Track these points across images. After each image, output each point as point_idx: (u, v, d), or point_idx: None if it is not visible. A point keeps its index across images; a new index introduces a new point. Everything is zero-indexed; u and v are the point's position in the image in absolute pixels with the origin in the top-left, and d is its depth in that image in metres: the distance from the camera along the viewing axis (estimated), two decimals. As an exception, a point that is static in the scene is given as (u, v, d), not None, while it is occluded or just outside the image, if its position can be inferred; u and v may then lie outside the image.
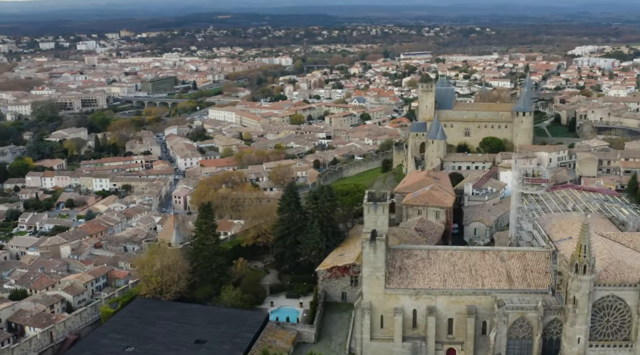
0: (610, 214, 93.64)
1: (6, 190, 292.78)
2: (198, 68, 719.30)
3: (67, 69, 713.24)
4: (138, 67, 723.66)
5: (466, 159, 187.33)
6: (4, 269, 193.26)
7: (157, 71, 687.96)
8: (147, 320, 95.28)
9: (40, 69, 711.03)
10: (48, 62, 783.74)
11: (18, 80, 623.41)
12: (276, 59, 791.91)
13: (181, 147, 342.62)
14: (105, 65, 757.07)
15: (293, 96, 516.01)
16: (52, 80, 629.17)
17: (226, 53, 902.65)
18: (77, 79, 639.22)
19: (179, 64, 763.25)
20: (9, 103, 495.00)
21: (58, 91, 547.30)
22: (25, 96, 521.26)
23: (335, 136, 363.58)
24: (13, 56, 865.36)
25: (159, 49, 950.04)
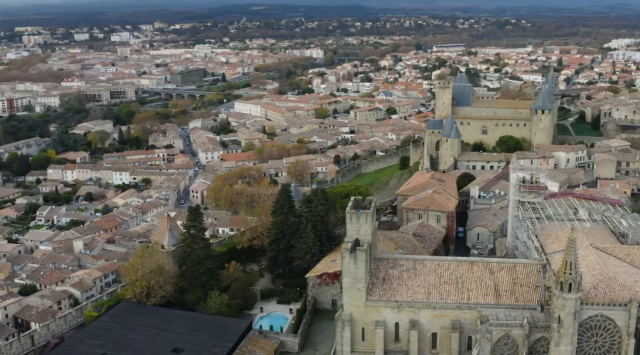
0: (610, 224, 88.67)
1: (28, 182, 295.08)
2: (228, 60, 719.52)
3: (99, 61, 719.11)
4: (169, 59, 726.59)
5: (481, 158, 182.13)
6: (17, 263, 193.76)
7: (188, 63, 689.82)
8: (128, 326, 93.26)
9: (72, 61, 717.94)
10: (81, 54, 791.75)
11: (50, 71, 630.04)
12: (307, 51, 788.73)
13: (203, 140, 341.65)
14: (137, 57, 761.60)
15: (320, 89, 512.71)
16: (83, 71, 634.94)
17: (258, 45, 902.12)
18: (108, 70, 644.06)
19: (210, 56, 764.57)
20: (39, 94, 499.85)
21: (88, 83, 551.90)
22: (55, 88, 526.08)
23: (359, 131, 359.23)
24: (48, 47, 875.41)
25: (191, 40, 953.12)
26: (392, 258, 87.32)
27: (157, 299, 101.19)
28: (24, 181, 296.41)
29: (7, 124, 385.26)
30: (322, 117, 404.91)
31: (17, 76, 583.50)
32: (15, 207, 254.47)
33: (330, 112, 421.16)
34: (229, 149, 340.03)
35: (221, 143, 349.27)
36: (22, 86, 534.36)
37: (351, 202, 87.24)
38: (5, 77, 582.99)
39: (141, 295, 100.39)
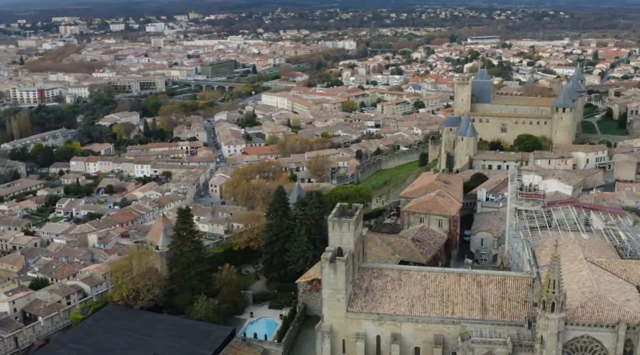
0: (609, 236, 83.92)
1: (51, 174, 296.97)
2: (260, 51, 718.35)
3: (132, 51, 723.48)
4: (201, 50, 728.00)
5: (497, 158, 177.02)
6: (31, 256, 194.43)
7: (220, 54, 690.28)
8: (111, 330, 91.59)
9: (106, 51, 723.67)
10: (115, 44, 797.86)
11: (83, 62, 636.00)
12: (340, 43, 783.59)
13: (227, 133, 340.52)
14: (170, 48, 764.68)
15: (350, 82, 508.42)
16: (116, 62, 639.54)
17: (292, 36, 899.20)
18: (141, 61, 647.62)
19: (243, 47, 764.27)
20: (70, 85, 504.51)
21: (119, 74, 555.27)
22: (87, 79, 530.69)
23: (384, 125, 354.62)
24: (83, 38, 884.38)
25: (225, 31, 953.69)
26: (378, 268, 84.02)
27: (145, 302, 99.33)
28: (47, 172, 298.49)
29: (36, 115, 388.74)
30: (348, 110, 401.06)
31: (50, 67, 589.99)
32: (36, 199, 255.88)
33: (358, 106, 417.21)
34: (253, 142, 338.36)
35: (245, 136, 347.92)
36: (54, 77, 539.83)
37: (335, 209, 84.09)
38: (39, 68, 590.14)
39: (128, 298, 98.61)
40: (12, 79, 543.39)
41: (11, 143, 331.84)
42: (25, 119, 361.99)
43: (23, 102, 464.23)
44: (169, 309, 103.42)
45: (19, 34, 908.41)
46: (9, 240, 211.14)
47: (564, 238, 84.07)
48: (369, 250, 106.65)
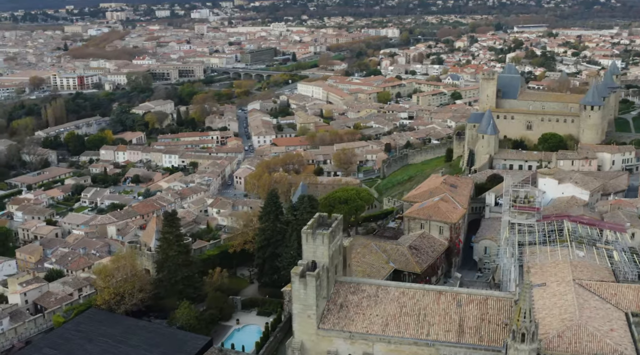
0: (600, 255, 78.11)
1: (81, 162, 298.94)
2: (302, 39, 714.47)
3: (175, 38, 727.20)
4: (243, 37, 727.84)
5: (519, 157, 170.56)
6: (49, 247, 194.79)
7: (261, 41, 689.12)
8: (88, 336, 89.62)
9: (149, 38, 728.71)
10: (159, 31, 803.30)
11: (125, 49, 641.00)
12: (383, 31, 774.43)
13: (258, 123, 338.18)
14: (213, 35, 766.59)
15: (388, 71, 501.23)
16: (157, 49, 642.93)
17: (336, 23, 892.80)
18: (182, 48, 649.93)
19: (285, 34, 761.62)
20: (110, 72, 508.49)
21: (158, 61, 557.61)
22: (127, 66, 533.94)
23: (418, 117, 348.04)
24: (129, 24, 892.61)
25: (270, 18, 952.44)
26: (355, 282, 79.92)
27: (129, 306, 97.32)
28: (77, 161, 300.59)
29: (72, 103, 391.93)
30: (383, 101, 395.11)
31: (93, 53, 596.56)
32: (63, 187, 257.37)
33: (393, 96, 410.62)
34: (284, 132, 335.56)
35: (277, 126, 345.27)
36: (95, 63, 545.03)
37: (313, 220, 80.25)
38: (82, 54, 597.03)
39: (111, 302, 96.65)
40: (55, 65, 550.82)
41: (45, 131, 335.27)
42: (61, 107, 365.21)
43: (63, 89, 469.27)
44: (156, 312, 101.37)
45: (66, 20, 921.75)
46: (30, 230, 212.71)
47: (557, 255, 78.71)
48: (362, 258, 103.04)
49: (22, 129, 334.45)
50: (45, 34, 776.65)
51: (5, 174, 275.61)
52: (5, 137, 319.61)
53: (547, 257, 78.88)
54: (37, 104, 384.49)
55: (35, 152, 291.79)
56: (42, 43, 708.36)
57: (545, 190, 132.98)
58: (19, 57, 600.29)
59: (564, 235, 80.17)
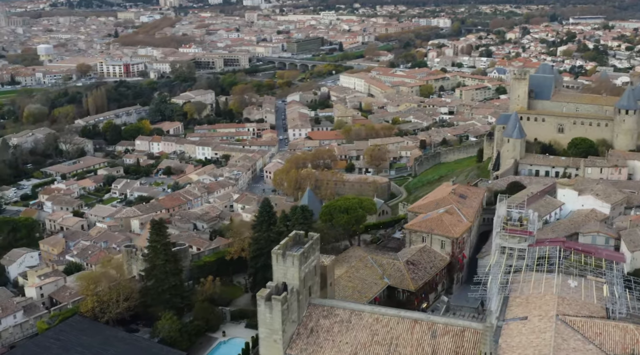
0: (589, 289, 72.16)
1: (117, 152, 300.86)
2: (351, 28, 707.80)
3: (224, 26, 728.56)
4: (292, 26, 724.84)
5: (545, 163, 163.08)
6: (72, 239, 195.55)
7: (310, 30, 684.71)
8: (66, 346, 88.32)
9: (199, 25, 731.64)
10: (210, 18, 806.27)
11: (174, 36, 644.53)
12: (434, 20, 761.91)
13: (294, 115, 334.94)
14: (262, 23, 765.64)
15: (434, 63, 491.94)
16: (205, 37, 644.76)
17: (388, 12, 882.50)
18: (231, 36, 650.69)
19: (335, 23, 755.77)
20: (157, 60, 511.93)
21: (205, 50, 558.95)
22: (173, 54, 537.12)
23: (458, 112, 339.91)
24: (181, 10, 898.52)
25: (322, 5, 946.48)
26: (329, 305, 76.11)
27: (113, 314, 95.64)
28: (113, 151, 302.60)
29: (115, 91, 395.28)
30: (425, 94, 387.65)
31: (142, 40, 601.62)
32: (95, 178, 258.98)
33: (436, 89, 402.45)
34: (322, 125, 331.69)
35: (314, 119, 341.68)
36: (143, 51, 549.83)
37: (287, 238, 76.74)
38: (131, 41, 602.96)
39: (95, 311, 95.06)
40: (103, 52, 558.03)
41: (85, 119, 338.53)
42: (102, 95, 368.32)
43: (109, 76, 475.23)
44: (144, 320, 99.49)
45: (120, 6, 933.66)
46: (57, 221, 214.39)
47: (546, 285, 73.32)
48: (356, 272, 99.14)
49: (62, 117, 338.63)
50: (99, 21, 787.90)
51: (42, 163, 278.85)
52: (46, 125, 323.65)
53: (535, 287, 73.58)
54: (80, 92, 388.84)
55: (72, 141, 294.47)
56: (94, 29, 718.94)
57: (565, 201, 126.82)
58: (70, 44, 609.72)
59: (555, 264, 74.61)
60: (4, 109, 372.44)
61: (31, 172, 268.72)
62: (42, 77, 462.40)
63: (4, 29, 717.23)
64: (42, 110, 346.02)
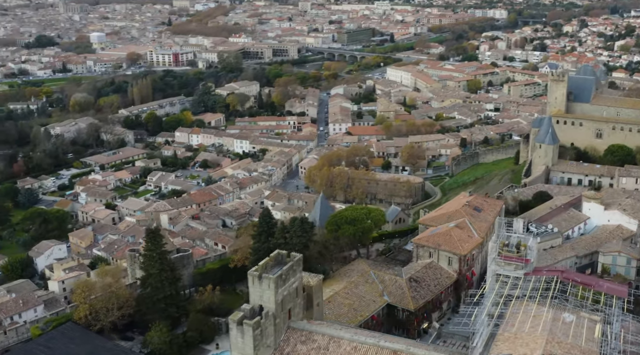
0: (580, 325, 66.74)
1: (157, 143, 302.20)
2: (404, 19, 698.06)
3: (277, 15, 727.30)
4: (345, 16, 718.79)
5: (579, 170, 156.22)
6: (101, 232, 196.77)
7: (363, 20, 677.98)
8: (54, 354, 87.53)
9: (252, 14, 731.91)
10: (264, 7, 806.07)
11: (226, 25, 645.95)
12: (490, 11, 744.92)
13: (336, 109, 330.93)
14: (315, 12, 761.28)
15: (485, 56, 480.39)
16: (257, 26, 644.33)
17: (443, 2, 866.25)
18: (283, 25, 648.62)
19: (388, 13, 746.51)
20: (206, 49, 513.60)
21: (254, 39, 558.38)
22: (223, 43, 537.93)
23: (504, 109, 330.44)
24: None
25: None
26: (308, 330, 72.83)
27: (106, 322, 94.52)
28: (153, 142, 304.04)
29: (161, 81, 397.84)
30: (473, 90, 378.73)
31: (194, 29, 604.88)
32: (132, 169, 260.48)
33: (484, 85, 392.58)
34: (363, 120, 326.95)
35: (357, 113, 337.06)
36: (194, 40, 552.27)
37: (268, 259, 73.80)
38: (183, 30, 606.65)
39: (88, 318, 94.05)
40: (155, 40, 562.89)
41: (129, 109, 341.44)
42: (147, 85, 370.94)
43: (158, 65, 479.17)
44: (140, 328, 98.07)
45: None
46: (89, 213, 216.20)
47: (537, 319, 68.42)
48: (354, 288, 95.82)
49: (107, 106, 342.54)
50: (154, 8, 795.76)
51: (82, 153, 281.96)
52: (91, 114, 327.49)
53: (525, 321, 68.72)
54: (126, 81, 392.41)
55: (113, 132, 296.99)
56: (148, 17, 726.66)
57: (590, 216, 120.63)
58: (123, 32, 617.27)
59: (549, 297, 69.55)
60: (53, 97, 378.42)
61: (71, 162, 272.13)
62: (93, 65, 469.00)
63: (61, 15, 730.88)
64: (88, 100, 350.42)
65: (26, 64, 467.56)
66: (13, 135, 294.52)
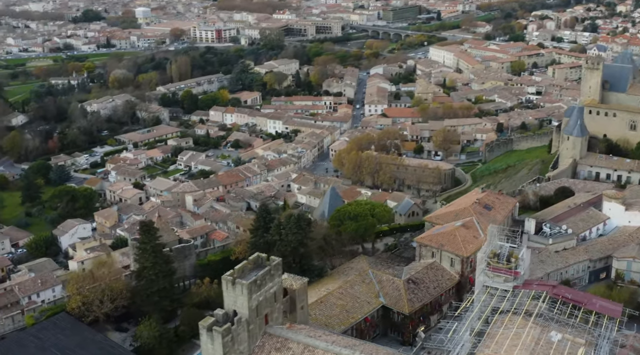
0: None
1: (191, 122, 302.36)
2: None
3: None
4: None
5: (608, 165, 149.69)
6: (126, 212, 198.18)
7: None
8: (43, 345, 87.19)
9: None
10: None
11: (271, 2, 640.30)
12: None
13: (373, 90, 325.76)
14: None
15: (532, 37, 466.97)
16: (301, 2, 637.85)
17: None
18: (327, 2, 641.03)
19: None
20: (250, 26, 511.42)
21: (298, 16, 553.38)
22: (267, 19, 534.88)
23: (546, 92, 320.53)
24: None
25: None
26: (284, 337, 70.56)
27: (101, 313, 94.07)
28: (188, 120, 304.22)
29: (201, 58, 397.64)
30: (516, 71, 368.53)
31: (239, 5, 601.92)
32: (164, 148, 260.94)
33: (528, 67, 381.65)
34: (401, 102, 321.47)
35: (395, 94, 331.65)
36: (238, 16, 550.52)
37: (245, 262, 71.62)
38: (228, 5, 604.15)
39: (82, 309, 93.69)
40: (200, 16, 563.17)
41: (166, 86, 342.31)
42: (186, 62, 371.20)
43: (201, 42, 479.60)
44: (137, 319, 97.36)
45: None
46: (116, 192, 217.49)
47: (520, 337, 64.88)
48: (350, 288, 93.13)
49: (146, 83, 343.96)
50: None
51: (117, 130, 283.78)
52: (130, 91, 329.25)
53: (508, 338, 65.23)
54: (167, 57, 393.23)
55: (148, 109, 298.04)
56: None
57: (610, 216, 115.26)
58: (169, 7, 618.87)
59: (534, 314, 65.72)
60: (95, 73, 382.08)
61: (105, 139, 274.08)
62: (137, 40, 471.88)
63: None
64: (127, 76, 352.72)
65: (71, 39, 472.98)
66: (52, 111, 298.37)
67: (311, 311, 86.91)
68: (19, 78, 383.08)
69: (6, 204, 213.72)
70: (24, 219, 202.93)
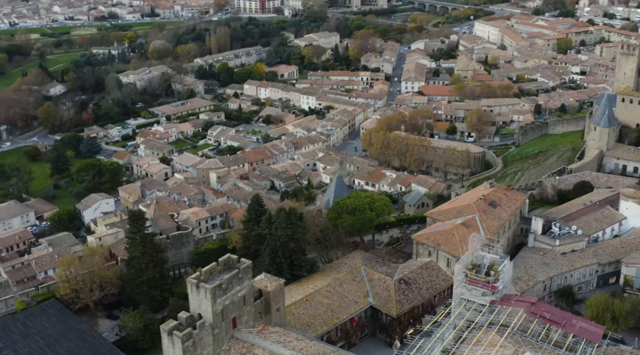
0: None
1: (226, 95, 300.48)
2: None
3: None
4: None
5: (635, 157, 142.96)
6: (149, 188, 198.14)
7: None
8: (27, 332, 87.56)
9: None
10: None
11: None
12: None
13: (410, 66, 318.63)
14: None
15: (584, 12, 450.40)
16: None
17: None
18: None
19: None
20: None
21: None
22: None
23: (591, 72, 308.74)
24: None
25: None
26: (250, 342, 68.74)
27: (90, 301, 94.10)
28: (222, 93, 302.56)
29: (241, 30, 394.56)
30: (562, 49, 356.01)
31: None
32: (194, 122, 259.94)
33: (575, 44, 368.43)
34: (440, 79, 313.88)
35: (434, 71, 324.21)
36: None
37: (211, 265, 69.84)
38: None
39: (72, 296, 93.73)
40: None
41: (204, 58, 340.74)
42: (225, 34, 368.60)
43: (245, 12, 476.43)
44: (127, 308, 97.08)
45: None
46: (143, 166, 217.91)
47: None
48: (338, 287, 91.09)
49: (184, 54, 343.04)
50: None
51: (151, 102, 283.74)
52: (168, 62, 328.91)
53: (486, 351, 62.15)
54: (208, 29, 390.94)
55: (183, 81, 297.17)
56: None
57: (627, 216, 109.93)
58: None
59: (506, 333, 62.22)
60: (136, 43, 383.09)
61: (139, 111, 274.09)
62: (180, 10, 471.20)
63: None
64: (166, 47, 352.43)
65: (116, 7, 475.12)
66: (90, 82, 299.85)
67: (295, 310, 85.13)
68: (63, 47, 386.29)
69: (35, 176, 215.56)
70: (51, 192, 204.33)
